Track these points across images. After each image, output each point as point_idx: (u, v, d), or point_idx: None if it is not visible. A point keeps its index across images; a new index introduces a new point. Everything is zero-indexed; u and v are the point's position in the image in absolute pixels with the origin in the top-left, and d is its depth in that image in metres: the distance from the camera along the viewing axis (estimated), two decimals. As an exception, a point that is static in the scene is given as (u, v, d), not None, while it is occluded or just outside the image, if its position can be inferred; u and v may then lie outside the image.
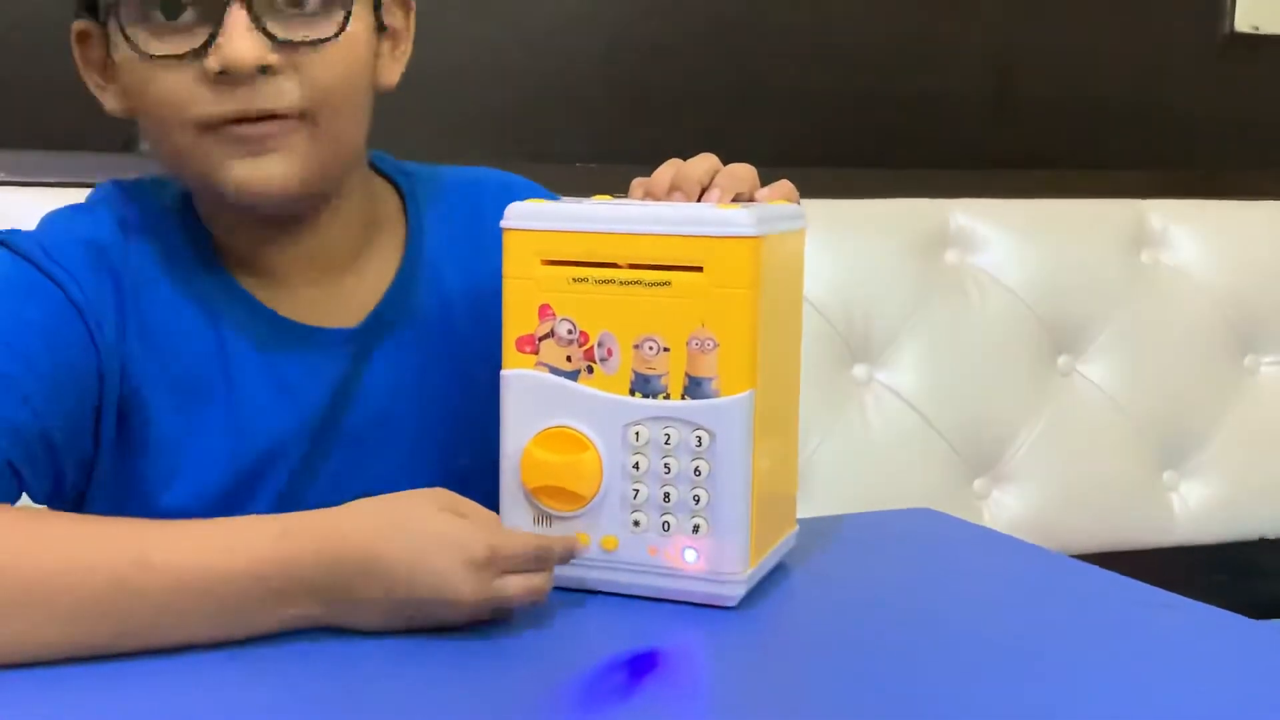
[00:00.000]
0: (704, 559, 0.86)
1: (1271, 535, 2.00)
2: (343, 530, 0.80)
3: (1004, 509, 1.89)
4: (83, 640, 0.76)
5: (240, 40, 0.87)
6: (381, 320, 1.01)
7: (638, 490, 0.86)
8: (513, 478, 0.88)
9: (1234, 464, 1.99)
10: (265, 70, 0.88)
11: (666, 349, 0.84)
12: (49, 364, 0.90)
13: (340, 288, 1.00)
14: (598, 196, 0.95)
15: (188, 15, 0.89)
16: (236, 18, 0.87)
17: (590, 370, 0.86)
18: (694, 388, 0.84)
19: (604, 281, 0.85)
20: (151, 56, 0.89)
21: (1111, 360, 1.94)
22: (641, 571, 0.88)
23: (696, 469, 0.85)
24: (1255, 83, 2.19)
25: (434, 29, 1.85)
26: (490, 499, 0.88)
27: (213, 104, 0.89)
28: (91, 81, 0.97)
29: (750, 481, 0.86)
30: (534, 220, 0.87)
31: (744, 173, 0.94)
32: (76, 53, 0.96)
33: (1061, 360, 1.94)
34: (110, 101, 0.96)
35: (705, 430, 0.85)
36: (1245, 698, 0.80)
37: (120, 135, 1.05)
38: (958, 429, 1.86)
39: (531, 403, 0.87)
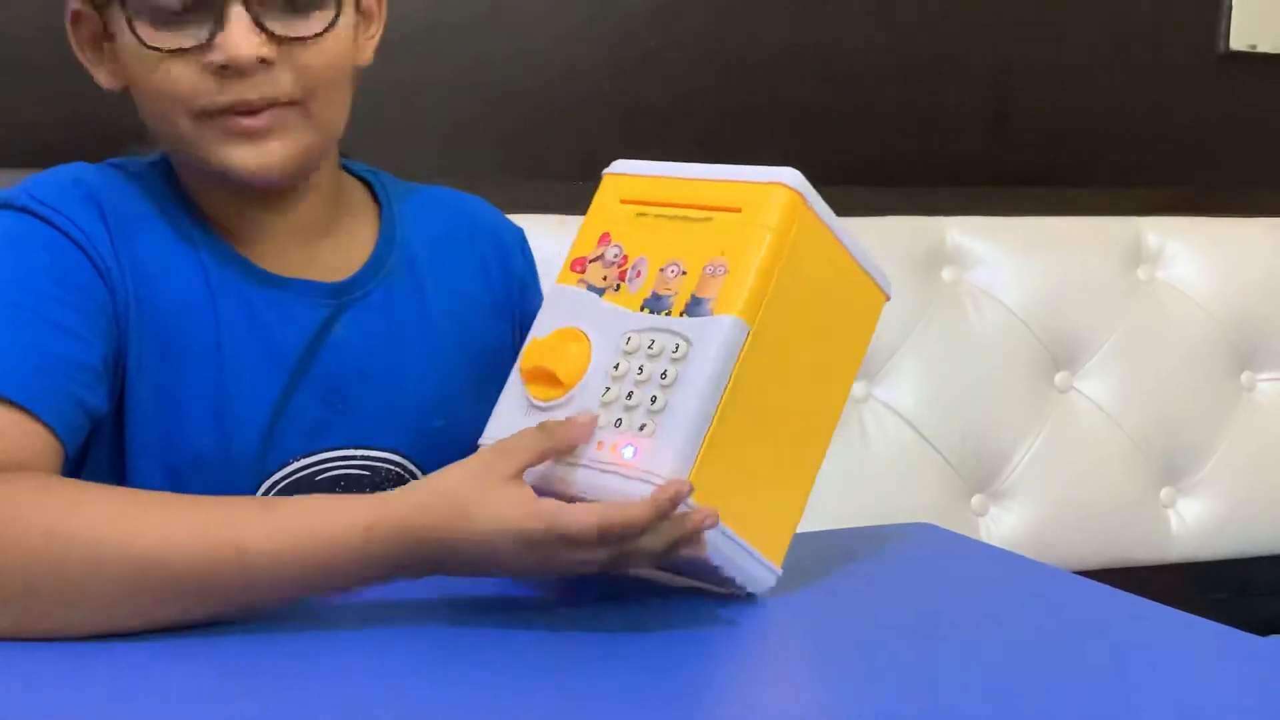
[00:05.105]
0: (639, 456, 0.87)
1: (1269, 552, 2.00)
2: (416, 529, 0.85)
3: (1001, 526, 1.88)
4: (174, 618, 0.82)
5: (242, 38, 0.95)
6: (357, 284, 1.07)
7: (609, 388, 0.90)
8: (516, 366, 0.95)
9: (1232, 481, 1.99)
10: (263, 63, 0.96)
11: (684, 272, 0.91)
12: (76, 296, 0.96)
13: (316, 255, 1.07)
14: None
15: (191, 10, 0.95)
16: (238, 16, 0.95)
17: (617, 288, 0.93)
18: (693, 306, 0.90)
19: (660, 216, 0.95)
20: (156, 50, 0.96)
21: (1109, 377, 1.94)
22: (582, 466, 0.89)
23: (665, 372, 0.88)
24: (1251, 100, 2.19)
25: (431, 46, 1.85)
26: (464, 455, 0.95)
27: (214, 95, 0.96)
28: (85, 59, 1.03)
29: (714, 407, 0.88)
30: (632, 168, 0.99)
31: None
32: (71, 31, 1.02)
33: (1059, 377, 1.94)
34: (104, 78, 1.03)
35: (685, 339, 0.89)
36: (1251, 713, 0.79)
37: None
38: (955, 446, 1.86)
39: (560, 309, 0.96)
